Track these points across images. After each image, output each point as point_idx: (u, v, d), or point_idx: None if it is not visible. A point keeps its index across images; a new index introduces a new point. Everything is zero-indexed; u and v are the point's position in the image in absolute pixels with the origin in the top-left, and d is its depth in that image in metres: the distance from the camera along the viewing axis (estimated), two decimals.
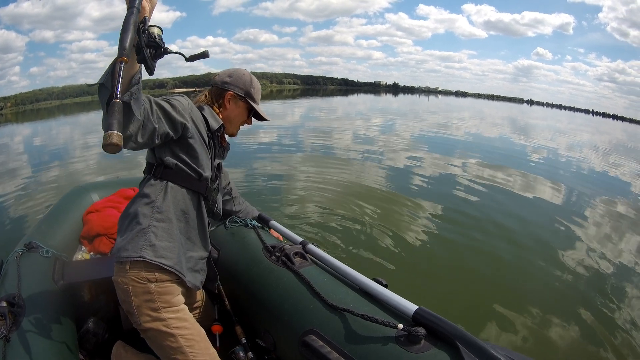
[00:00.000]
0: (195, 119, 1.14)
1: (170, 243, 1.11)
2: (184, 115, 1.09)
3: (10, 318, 1.10)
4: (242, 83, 1.28)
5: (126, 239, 1.09)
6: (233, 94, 1.27)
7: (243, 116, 1.32)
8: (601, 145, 15.05)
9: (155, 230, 1.09)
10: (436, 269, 2.88)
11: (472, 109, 37.50)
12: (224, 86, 1.27)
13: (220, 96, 1.27)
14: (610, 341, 2.13)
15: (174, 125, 1.06)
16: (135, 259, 1.06)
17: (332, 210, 3.93)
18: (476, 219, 3.89)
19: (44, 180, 5.76)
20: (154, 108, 1.00)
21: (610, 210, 4.86)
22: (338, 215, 3.77)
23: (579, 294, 2.65)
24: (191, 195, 1.17)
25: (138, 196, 1.14)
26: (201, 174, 1.17)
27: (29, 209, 4.21)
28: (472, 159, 7.67)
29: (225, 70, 1.32)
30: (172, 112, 1.05)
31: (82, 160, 7.41)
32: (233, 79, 1.28)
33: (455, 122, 18.23)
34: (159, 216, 1.10)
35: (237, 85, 1.27)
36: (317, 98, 47.58)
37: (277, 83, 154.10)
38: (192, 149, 1.14)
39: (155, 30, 0.87)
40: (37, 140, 12.59)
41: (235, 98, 1.28)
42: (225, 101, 1.27)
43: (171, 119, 1.05)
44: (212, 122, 1.21)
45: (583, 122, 37.20)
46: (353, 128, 13.05)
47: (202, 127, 1.17)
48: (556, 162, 8.72)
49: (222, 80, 1.28)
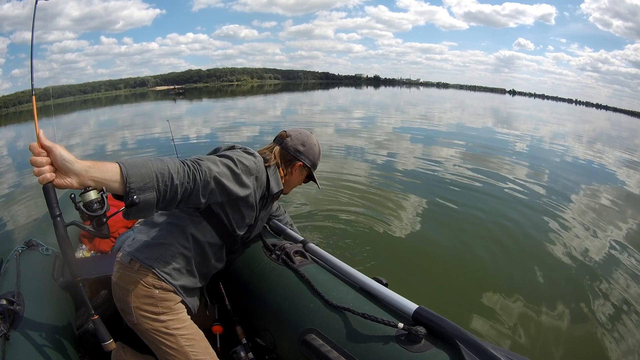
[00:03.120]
0: (259, 184, 1.15)
1: (182, 267, 1.14)
2: (246, 184, 1.08)
3: (9, 316, 1.10)
4: (312, 155, 1.31)
5: (145, 244, 1.11)
6: (302, 164, 1.29)
7: (301, 181, 1.36)
8: (585, 134, 15.08)
9: (176, 250, 1.12)
10: (437, 268, 2.87)
11: (454, 100, 37.39)
12: (296, 155, 1.28)
13: (290, 163, 1.28)
14: (612, 342, 2.12)
15: (228, 196, 1.06)
16: (147, 266, 1.08)
17: (334, 208, 3.92)
18: (477, 218, 3.87)
19: None
20: (209, 187, 0.98)
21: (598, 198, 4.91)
22: (339, 214, 3.76)
23: (581, 293, 2.64)
24: (218, 240, 1.19)
25: (173, 214, 1.16)
26: (235, 230, 1.19)
27: (29, 207, 4.21)
28: (470, 152, 7.66)
29: (297, 134, 1.30)
30: (230, 187, 1.03)
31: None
32: (306, 150, 1.29)
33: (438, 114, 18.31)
34: (184, 242, 1.13)
35: (308, 156, 1.30)
36: (298, 92, 47.52)
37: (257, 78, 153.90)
38: (239, 211, 1.17)
39: (92, 195, 0.82)
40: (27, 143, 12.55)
41: (302, 167, 1.30)
42: (293, 169, 1.29)
43: (227, 192, 1.04)
44: (273, 185, 1.22)
45: (566, 112, 37.27)
46: (335, 122, 13.04)
47: (261, 190, 1.18)
48: (541, 152, 8.78)
49: (296, 149, 1.28)
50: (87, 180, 0.81)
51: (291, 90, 54.74)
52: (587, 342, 2.16)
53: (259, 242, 1.46)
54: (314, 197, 4.21)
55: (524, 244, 3.36)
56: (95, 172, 0.82)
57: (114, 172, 0.83)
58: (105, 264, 1.56)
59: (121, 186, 0.84)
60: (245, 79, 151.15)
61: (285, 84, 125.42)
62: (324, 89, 60.17)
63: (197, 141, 8.95)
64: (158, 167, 0.88)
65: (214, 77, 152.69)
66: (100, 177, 0.82)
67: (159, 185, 0.87)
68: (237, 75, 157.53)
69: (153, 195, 0.87)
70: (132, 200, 0.84)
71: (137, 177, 0.84)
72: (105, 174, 0.82)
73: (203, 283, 1.25)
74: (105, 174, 0.82)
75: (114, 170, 0.83)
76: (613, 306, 2.46)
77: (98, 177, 0.82)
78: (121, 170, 0.83)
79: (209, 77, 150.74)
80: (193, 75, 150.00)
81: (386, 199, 4.32)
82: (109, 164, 0.84)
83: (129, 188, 0.83)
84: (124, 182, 0.83)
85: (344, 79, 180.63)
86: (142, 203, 0.85)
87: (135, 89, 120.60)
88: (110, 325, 1.44)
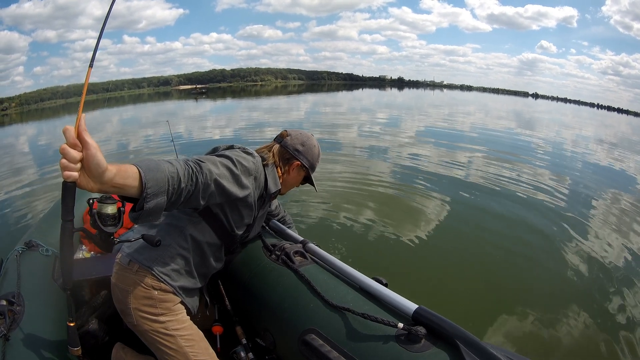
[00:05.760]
0: (257, 184, 1.15)
1: (181, 268, 1.14)
2: (245, 185, 1.08)
3: (9, 316, 1.10)
4: (311, 156, 1.30)
5: (144, 245, 1.11)
6: (300, 164, 1.28)
7: (299, 182, 1.35)
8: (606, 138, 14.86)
9: (174, 251, 1.12)
10: (437, 268, 2.87)
11: (477, 103, 37.37)
12: (295, 154, 1.27)
13: (288, 162, 1.27)
14: (611, 342, 2.12)
15: (227, 198, 1.05)
16: (145, 267, 1.08)
17: (333, 208, 3.92)
18: (478, 218, 3.87)
19: (44, 179, 5.77)
20: (209, 189, 0.96)
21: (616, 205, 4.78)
22: (339, 214, 3.77)
23: (580, 293, 2.65)
24: (217, 240, 1.19)
25: (172, 215, 1.15)
26: (234, 230, 1.19)
27: (29, 207, 4.22)
28: (475, 153, 7.65)
29: (298, 134, 1.31)
30: (229, 189, 1.02)
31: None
32: (304, 150, 1.28)
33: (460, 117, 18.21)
34: (182, 243, 1.13)
35: (306, 157, 1.29)
36: (322, 93, 47.61)
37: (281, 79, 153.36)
38: (238, 211, 1.16)
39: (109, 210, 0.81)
40: (41, 140, 12.66)
41: (300, 167, 1.29)
42: (290, 168, 1.28)
43: (227, 194, 1.03)
44: (271, 185, 1.21)
45: (588, 116, 36.97)
46: (358, 123, 13.10)
47: (259, 190, 1.18)
48: (561, 156, 8.63)
49: (295, 148, 1.27)
50: (109, 188, 0.77)
51: (315, 91, 54.63)
52: (588, 343, 2.16)
53: (259, 243, 1.46)
54: (314, 197, 4.21)
55: (526, 245, 3.36)
56: (118, 179, 0.76)
57: (134, 177, 0.78)
58: (105, 265, 1.56)
59: (138, 191, 0.80)
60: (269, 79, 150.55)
61: (309, 84, 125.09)
62: (347, 90, 60.02)
63: (199, 140, 8.97)
64: (170, 171, 0.85)
65: (238, 77, 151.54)
66: (122, 184, 0.77)
67: (169, 189, 0.85)
68: (261, 75, 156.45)
69: (164, 199, 0.84)
70: (145, 205, 0.81)
71: (154, 182, 0.81)
72: (126, 180, 0.78)
73: (202, 283, 1.25)
74: (126, 180, 0.78)
75: (134, 176, 0.78)
76: (616, 310, 2.43)
77: (120, 184, 0.77)
78: (140, 176, 0.79)
79: (233, 77, 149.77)
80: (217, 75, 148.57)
81: (387, 199, 4.32)
82: (129, 167, 0.79)
83: (146, 194, 0.80)
84: (142, 187, 0.79)
85: (367, 80, 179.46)
86: (153, 208, 0.82)
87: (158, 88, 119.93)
88: (111, 325, 1.45)
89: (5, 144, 12.09)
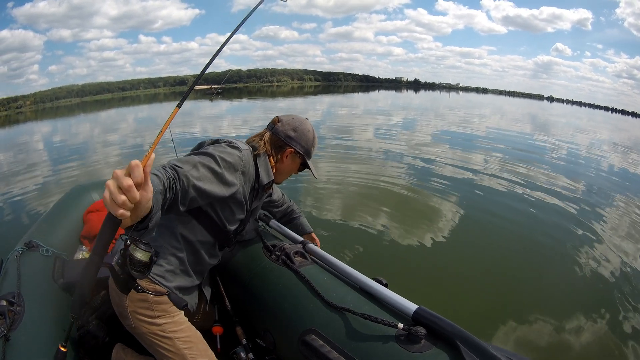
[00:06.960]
0: (246, 178, 1.11)
1: (176, 268, 1.13)
2: (230, 182, 1.04)
3: (10, 317, 1.09)
4: (304, 141, 1.22)
5: None
6: (294, 150, 1.21)
7: (295, 170, 1.29)
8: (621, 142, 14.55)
9: (167, 252, 1.11)
10: (437, 268, 2.87)
11: (493, 105, 37.13)
12: (287, 141, 1.20)
13: (281, 149, 1.21)
14: (616, 348, 2.10)
15: (211, 199, 1.02)
16: None
17: (333, 208, 3.92)
18: (482, 219, 3.86)
19: (44, 179, 5.77)
20: (188, 195, 0.91)
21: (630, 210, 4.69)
22: (339, 214, 3.77)
23: (584, 297, 2.63)
24: (209, 237, 1.17)
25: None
26: (226, 226, 1.17)
27: (29, 207, 4.22)
28: (488, 156, 7.57)
29: (290, 119, 1.23)
30: (211, 190, 0.98)
31: (85, 160, 7.42)
32: (297, 135, 1.21)
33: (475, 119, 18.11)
34: (174, 243, 1.12)
35: (299, 142, 1.21)
36: (338, 95, 47.41)
37: (298, 80, 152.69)
38: (229, 208, 1.13)
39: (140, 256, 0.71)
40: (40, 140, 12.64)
41: (294, 154, 1.22)
42: (283, 156, 1.22)
43: (210, 196, 0.99)
44: (263, 176, 1.17)
45: (603, 120, 36.51)
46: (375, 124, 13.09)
47: (249, 183, 1.14)
48: (575, 160, 8.49)
49: (286, 134, 1.20)
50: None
51: (331, 92, 54.16)
52: (588, 343, 2.15)
53: (259, 243, 1.46)
54: (314, 197, 4.21)
55: (531, 247, 3.33)
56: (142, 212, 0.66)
57: (148, 207, 0.66)
58: None
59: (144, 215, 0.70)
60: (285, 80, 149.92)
61: (325, 85, 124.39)
62: (364, 92, 59.43)
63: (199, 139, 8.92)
64: (159, 187, 0.79)
65: (254, 77, 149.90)
66: (141, 216, 0.67)
67: (164, 205, 0.83)
68: (277, 76, 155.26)
69: (160, 214, 0.80)
70: (150, 224, 0.75)
71: (156, 203, 0.75)
72: (145, 212, 0.67)
73: (200, 280, 1.24)
74: (145, 212, 0.67)
75: (148, 206, 0.66)
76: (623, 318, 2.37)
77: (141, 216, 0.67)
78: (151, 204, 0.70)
79: (249, 78, 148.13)
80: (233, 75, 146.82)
81: (387, 200, 4.31)
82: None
83: (151, 215, 0.73)
84: (149, 212, 0.72)
85: (384, 82, 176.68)
86: (154, 224, 0.78)
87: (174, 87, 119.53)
88: (111, 326, 1.45)
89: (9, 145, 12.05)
